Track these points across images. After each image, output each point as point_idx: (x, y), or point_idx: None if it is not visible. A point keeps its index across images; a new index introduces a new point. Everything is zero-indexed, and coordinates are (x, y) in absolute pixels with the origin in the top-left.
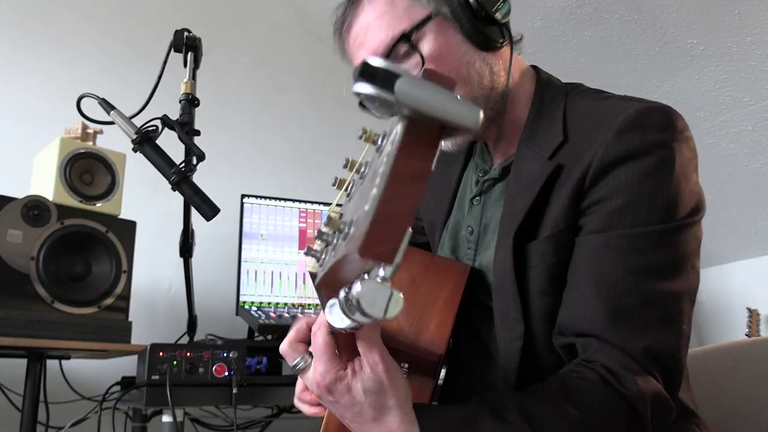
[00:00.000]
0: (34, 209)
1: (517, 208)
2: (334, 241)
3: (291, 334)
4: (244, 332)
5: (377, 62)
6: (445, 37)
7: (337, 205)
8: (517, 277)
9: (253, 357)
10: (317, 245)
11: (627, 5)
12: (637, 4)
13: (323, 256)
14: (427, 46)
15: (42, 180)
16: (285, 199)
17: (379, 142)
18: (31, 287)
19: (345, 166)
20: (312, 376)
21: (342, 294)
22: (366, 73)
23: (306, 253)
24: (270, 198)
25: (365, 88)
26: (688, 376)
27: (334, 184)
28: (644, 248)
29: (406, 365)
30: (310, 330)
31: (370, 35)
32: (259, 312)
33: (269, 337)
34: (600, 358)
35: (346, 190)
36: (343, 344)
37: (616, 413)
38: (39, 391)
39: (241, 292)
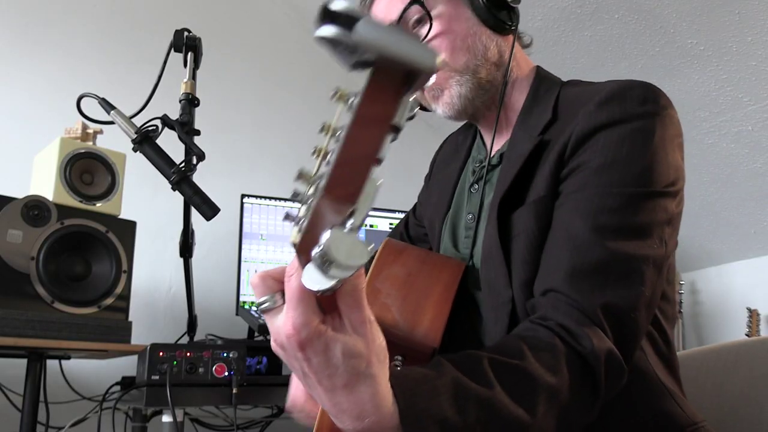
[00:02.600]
0: (34, 209)
1: (506, 182)
2: (311, 200)
3: (269, 269)
4: (244, 332)
5: (339, 5)
6: (456, 9)
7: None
8: (502, 245)
9: (253, 357)
10: (300, 210)
11: (627, 5)
12: (637, 4)
13: (303, 222)
14: (437, 11)
15: (42, 180)
16: (285, 199)
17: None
18: (31, 287)
19: (321, 131)
20: (283, 327)
21: (315, 251)
22: (328, 16)
23: (285, 219)
24: (270, 198)
25: (327, 30)
26: (674, 359)
27: (313, 153)
28: (613, 208)
29: (400, 358)
30: None
31: (388, 7)
32: (259, 312)
33: (269, 337)
34: (555, 316)
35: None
36: (323, 303)
37: (573, 371)
38: (39, 391)
39: (241, 292)
